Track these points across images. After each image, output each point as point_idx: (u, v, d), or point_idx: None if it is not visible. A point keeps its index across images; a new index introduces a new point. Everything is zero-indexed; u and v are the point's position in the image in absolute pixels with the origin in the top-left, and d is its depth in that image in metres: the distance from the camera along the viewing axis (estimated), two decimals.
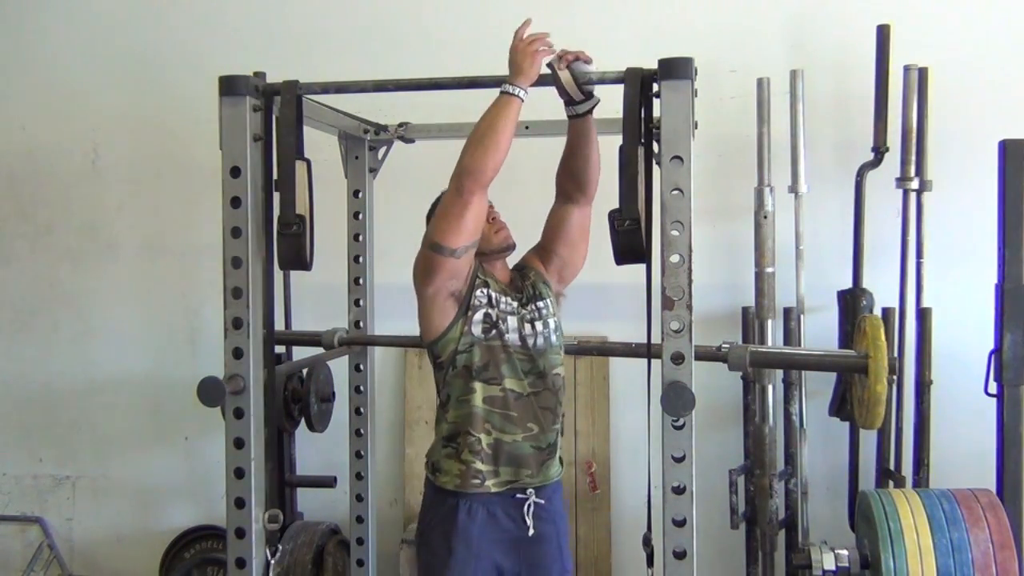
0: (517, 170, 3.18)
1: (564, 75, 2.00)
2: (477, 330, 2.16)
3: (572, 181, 2.20)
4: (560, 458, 2.30)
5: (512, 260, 2.36)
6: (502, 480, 2.18)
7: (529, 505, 2.19)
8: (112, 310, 3.81)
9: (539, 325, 2.22)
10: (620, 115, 1.95)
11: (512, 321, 2.18)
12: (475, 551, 2.16)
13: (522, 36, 2.04)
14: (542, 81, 2.04)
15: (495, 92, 2.19)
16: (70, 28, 3.81)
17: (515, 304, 2.22)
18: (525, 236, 2.35)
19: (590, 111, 2.08)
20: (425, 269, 2.12)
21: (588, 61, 2.03)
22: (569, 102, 2.07)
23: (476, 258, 2.20)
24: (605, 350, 3.04)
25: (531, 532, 2.20)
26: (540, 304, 2.25)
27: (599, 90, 2.06)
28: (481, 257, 2.23)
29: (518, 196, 2.64)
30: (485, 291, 2.18)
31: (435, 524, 2.22)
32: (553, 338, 2.24)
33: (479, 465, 2.16)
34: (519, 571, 2.21)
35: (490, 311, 2.17)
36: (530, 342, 2.19)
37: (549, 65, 2.02)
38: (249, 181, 2.03)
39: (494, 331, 2.16)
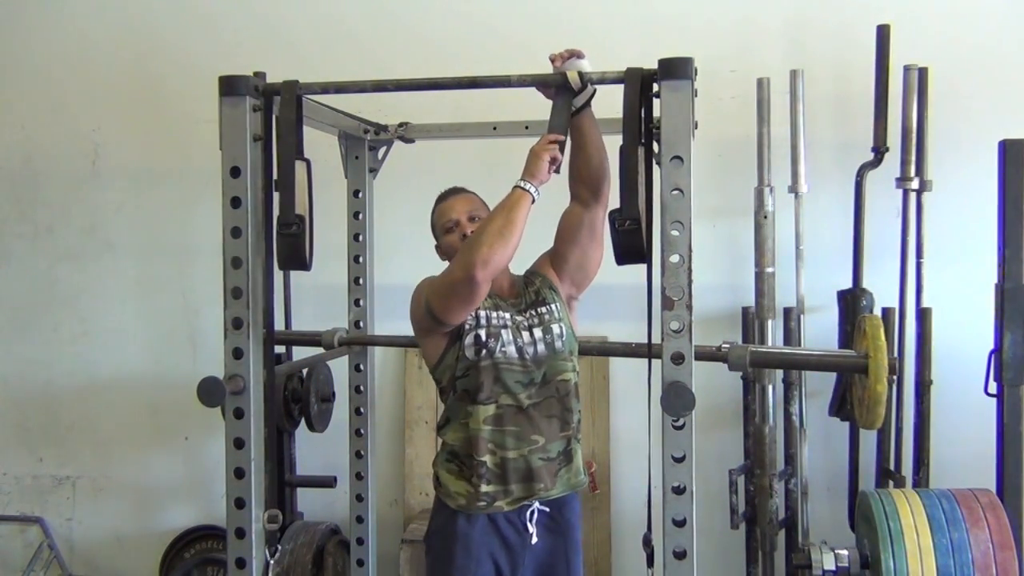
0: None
1: (572, 75, 2.01)
2: (470, 353, 2.14)
3: (579, 181, 2.17)
4: (582, 467, 2.26)
5: (524, 265, 2.33)
6: (515, 497, 2.16)
7: (532, 512, 2.18)
8: (112, 310, 3.81)
9: (538, 332, 2.18)
10: (620, 115, 1.95)
11: (505, 335, 2.15)
12: (475, 556, 2.15)
13: (545, 143, 2.03)
14: (541, 83, 2.06)
15: (494, 92, 2.20)
16: (70, 28, 3.80)
17: (508, 316, 2.18)
18: (534, 241, 2.32)
19: (586, 104, 2.08)
20: (421, 327, 2.18)
21: (580, 56, 2.03)
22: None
23: None
24: (605, 350, 3.04)
25: (534, 540, 2.18)
26: (542, 310, 2.21)
27: (600, 91, 2.06)
28: None
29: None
30: (474, 312, 2.15)
31: (437, 530, 2.23)
32: (558, 344, 2.18)
33: (486, 488, 2.14)
34: None
35: (480, 332, 2.14)
36: (528, 352, 2.16)
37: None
38: (249, 181, 2.03)
39: (484, 351, 2.13)
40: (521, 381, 2.15)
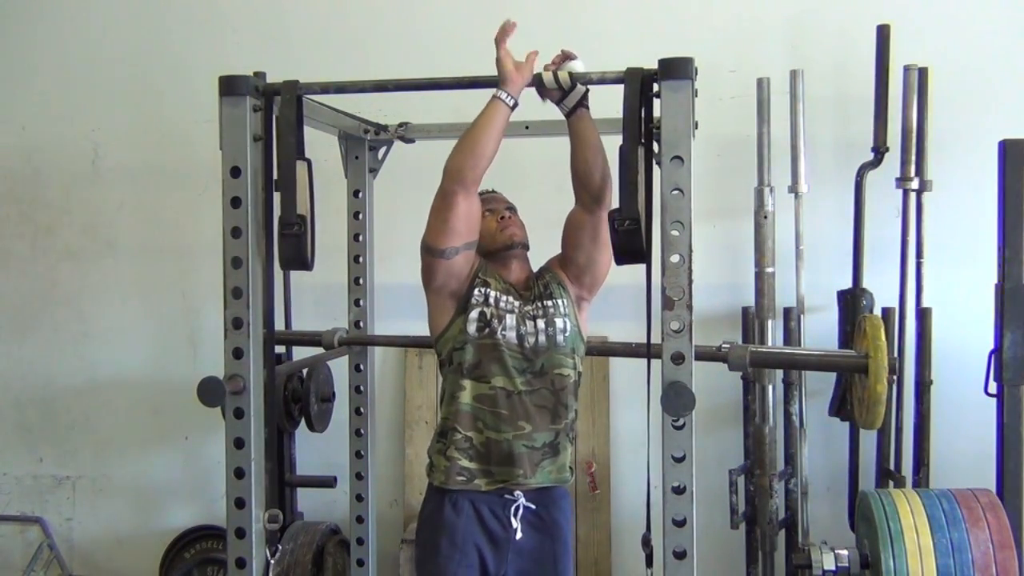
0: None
1: (547, 76, 2.03)
2: (472, 328, 2.16)
3: (578, 184, 2.17)
4: (569, 466, 2.26)
5: (538, 263, 2.35)
6: (495, 479, 2.17)
7: (517, 507, 2.18)
8: (112, 310, 3.81)
9: (541, 323, 2.20)
10: (620, 115, 1.95)
11: (510, 319, 2.17)
12: (460, 545, 2.16)
13: (502, 43, 2.05)
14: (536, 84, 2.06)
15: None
16: (70, 28, 3.81)
17: (517, 303, 2.21)
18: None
19: (581, 104, 2.08)
20: (424, 270, 2.18)
21: (573, 57, 2.04)
22: (559, 99, 2.08)
23: (483, 257, 2.23)
24: (605, 350, 3.04)
25: (518, 536, 2.17)
26: (548, 303, 2.23)
27: (600, 91, 2.06)
28: (490, 256, 2.24)
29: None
30: (483, 290, 2.18)
31: (424, 519, 2.25)
32: (559, 338, 2.20)
33: (465, 463, 2.17)
34: (505, 574, 2.19)
35: (485, 310, 2.17)
36: (529, 340, 2.18)
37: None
38: (249, 181, 2.03)
39: (487, 329, 2.16)
40: (517, 367, 2.16)
